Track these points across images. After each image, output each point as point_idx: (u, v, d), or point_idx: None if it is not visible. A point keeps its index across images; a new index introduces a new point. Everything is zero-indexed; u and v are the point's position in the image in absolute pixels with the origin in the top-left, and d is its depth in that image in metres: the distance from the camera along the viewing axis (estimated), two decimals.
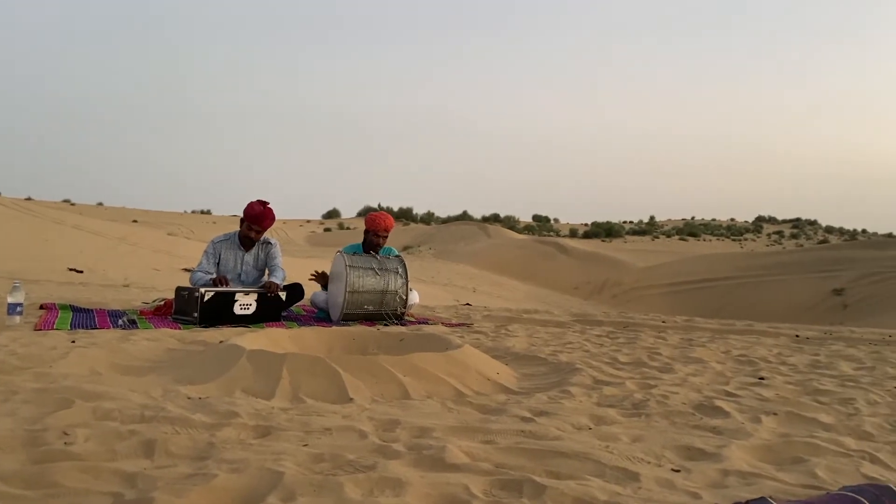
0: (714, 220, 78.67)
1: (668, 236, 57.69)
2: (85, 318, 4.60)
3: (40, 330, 3.95)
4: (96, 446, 1.77)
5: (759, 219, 74.54)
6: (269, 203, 5.27)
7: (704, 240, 55.80)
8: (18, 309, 4.17)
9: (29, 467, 1.59)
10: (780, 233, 60.39)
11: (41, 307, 5.11)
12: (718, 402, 2.56)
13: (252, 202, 5.22)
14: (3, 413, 2.06)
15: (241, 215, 5.27)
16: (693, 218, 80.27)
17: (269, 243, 5.42)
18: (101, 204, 64.17)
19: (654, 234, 59.67)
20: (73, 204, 59.51)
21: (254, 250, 5.34)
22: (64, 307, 5.13)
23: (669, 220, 78.22)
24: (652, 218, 75.47)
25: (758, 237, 58.70)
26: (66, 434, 1.85)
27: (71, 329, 4.06)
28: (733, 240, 56.15)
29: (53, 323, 4.24)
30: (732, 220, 78.58)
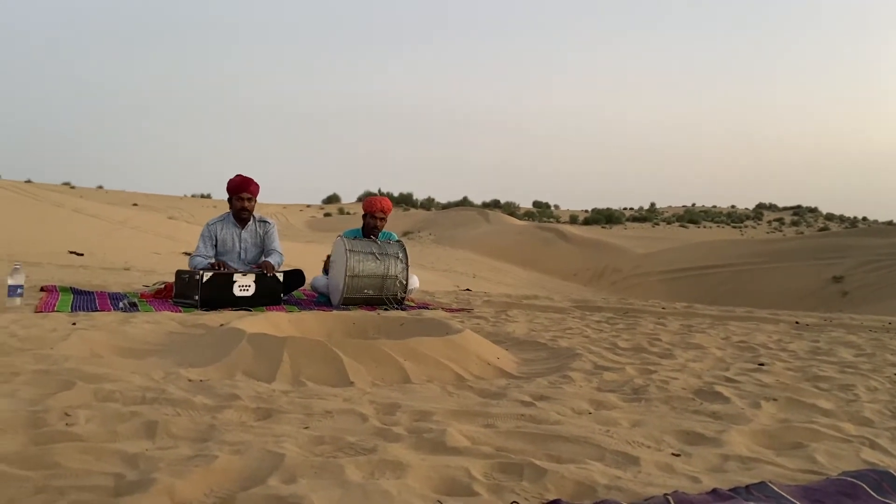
0: (714, 207, 78.58)
1: (669, 223, 57.66)
2: (85, 300, 4.60)
3: (41, 312, 3.95)
4: (97, 427, 1.77)
5: (760, 206, 74.47)
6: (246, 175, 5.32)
7: (704, 227, 55.79)
8: (19, 291, 4.18)
9: (30, 448, 1.59)
10: (780, 220, 60.35)
11: (42, 289, 5.12)
12: (718, 388, 2.56)
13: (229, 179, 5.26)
14: (4, 394, 2.06)
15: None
16: (693, 205, 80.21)
17: (267, 223, 5.43)
18: (101, 187, 64.06)
19: (655, 220, 59.62)
20: (73, 187, 59.42)
21: (251, 227, 5.34)
22: (64, 290, 5.13)
23: (670, 207, 78.15)
24: (652, 205, 75.45)
25: (758, 224, 58.68)
26: (67, 415, 1.85)
27: (72, 311, 4.07)
28: (733, 227, 56.12)
29: (54, 305, 4.24)
30: (733, 207, 78.47)
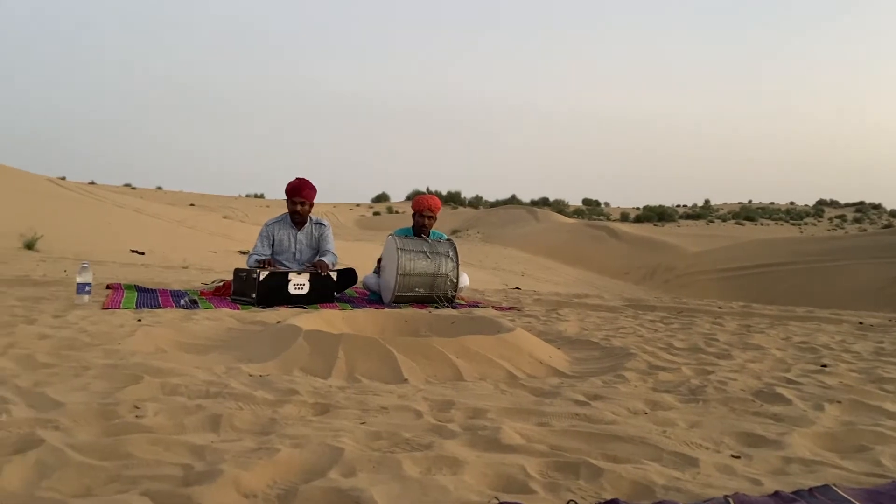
0: (772, 203, 76.38)
1: (724, 220, 56.30)
2: (149, 297, 4.77)
3: (108, 309, 4.11)
4: (166, 420, 1.84)
5: (821, 202, 71.98)
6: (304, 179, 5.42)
7: (762, 224, 54.28)
8: (87, 288, 4.36)
9: (103, 439, 1.67)
10: (842, 217, 58.26)
11: (107, 287, 5.32)
12: (779, 389, 2.50)
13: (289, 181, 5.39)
14: (77, 387, 2.16)
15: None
16: (750, 201, 78.12)
17: (322, 224, 5.54)
18: (160, 188, 66.15)
19: (709, 218, 58.31)
20: (133, 188, 61.53)
21: (307, 228, 5.46)
22: (129, 287, 5.33)
23: (725, 203, 76.30)
24: (707, 202, 73.81)
25: (819, 221, 56.79)
26: (136, 408, 1.93)
27: (136, 308, 4.22)
28: (793, 224, 54.46)
29: (120, 302, 4.41)
30: (792, 203, 76.13)
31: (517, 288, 9.36)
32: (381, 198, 74.07)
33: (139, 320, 3.65)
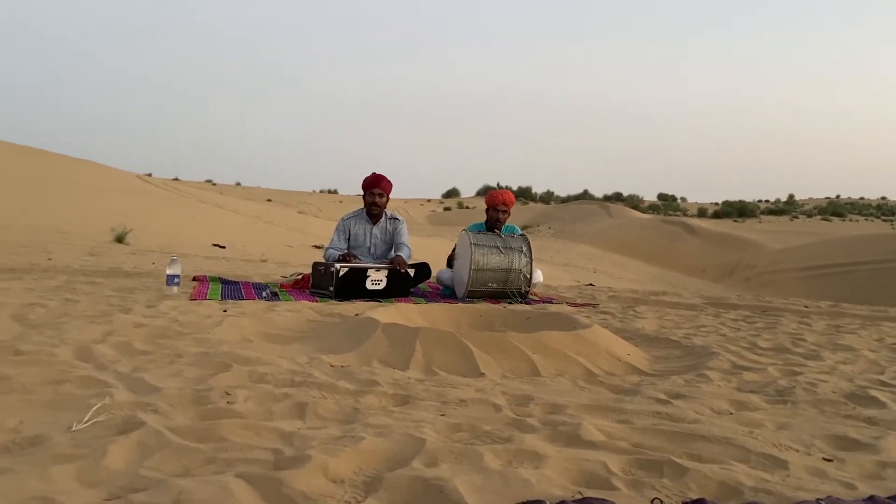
0: (862, 198, 72.49)
1: (809, 216, 53.81)
2: (233, 289, 4.96)
3: (195, 300, 4.30)
4: (255, 406, 1.92)
5: None
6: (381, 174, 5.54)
7: (851, 220, 51.60)
8: (176, 280, 4.57)
9: (198, 423, 1.75)
10: None
11: (194, 279, 5.56)
12: (873, 392, 2.39)
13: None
14: (172, 374, 2.28)
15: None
16: (838, 196, 74.39)
17: (397, 219, 5.63)
18: (238, 184, 68.55)
19: (793, 213, 55.87)
20: (214, 184, 63.97)
21: (382, 223, 5.55)
22: (214, 279, 5.55)
23: (811, 198, 72.94)
24: (791, 196, 70.68)
25: None
26: (227, 394, 2.02)
27: (222, 299, 4.39)
28: (884, 220, 51.52)
29: (206, 293, 4.60)
30: (883, 198, 72.04)
31: (591, 284, 9.24)
32: (452, 193, 74.46)
33: (225, 311, 3.80)
